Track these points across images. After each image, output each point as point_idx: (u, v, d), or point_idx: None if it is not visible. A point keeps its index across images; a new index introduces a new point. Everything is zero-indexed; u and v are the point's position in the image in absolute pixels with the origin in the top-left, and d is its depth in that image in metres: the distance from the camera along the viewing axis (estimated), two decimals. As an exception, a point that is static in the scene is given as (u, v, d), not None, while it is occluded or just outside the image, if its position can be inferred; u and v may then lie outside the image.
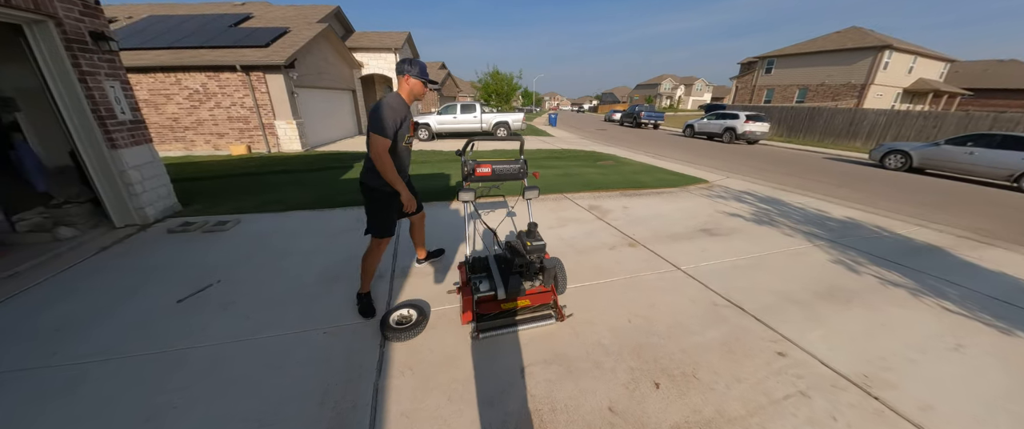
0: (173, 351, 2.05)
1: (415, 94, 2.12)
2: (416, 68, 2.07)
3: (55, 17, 3.10)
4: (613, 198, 5.49)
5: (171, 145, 10.77)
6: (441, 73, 27.99)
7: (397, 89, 2.14)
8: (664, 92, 66.07)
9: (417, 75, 2.07)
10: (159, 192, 4.23)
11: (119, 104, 3.72)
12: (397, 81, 2.14)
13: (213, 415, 1.63)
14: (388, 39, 15.62)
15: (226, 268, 3.03)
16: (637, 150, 12.19)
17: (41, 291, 2.71)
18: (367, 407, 1.67)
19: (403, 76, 2.07)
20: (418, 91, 2.12)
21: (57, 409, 1.66)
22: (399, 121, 2.04)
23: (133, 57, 9.67)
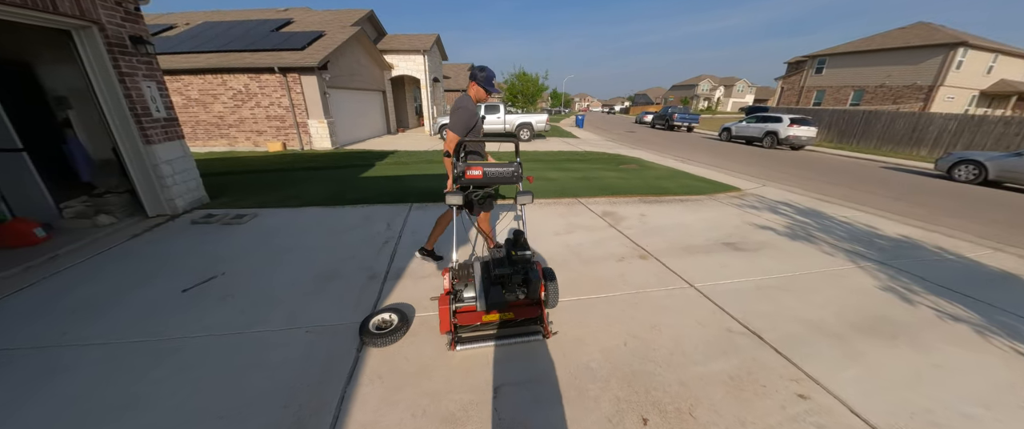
0: (165, 341, 2.11)
1: (478, 98, 2.48)
2: (482, 74, 2.41)
3: (99, 23, 3.37)
4: (631, 205, 5.20)
5: (217, 141, 11.62)
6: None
7: (467, 90, 2.53)
8: (701, 93, 63.00)
9: (480, 82, 2.42)
10: (188, 185, 4.51)
11: (154, 103, 4.00)
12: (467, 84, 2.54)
13: (181, 407, 1.64)
14: (417, 41, 16.00)
15: (233, 261, 3.14)
16: (666, 154, 11.62)
17: (72, 273, 2.93)
18: (329, 414, 1.61)
19: (472, 81, 2.44)
20: (480, 95, 2.47)
21: (50, 390, 1.73)
22: (470, 120, 2.45)
23: (186, 60, 10.54)
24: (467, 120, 2.40)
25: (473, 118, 2.41)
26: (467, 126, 2.41)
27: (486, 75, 2.41)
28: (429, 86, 16.55)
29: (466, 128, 2.42)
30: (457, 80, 27.09)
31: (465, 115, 2.39)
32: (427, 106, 16.55)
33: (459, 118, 2.40)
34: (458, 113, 2.42)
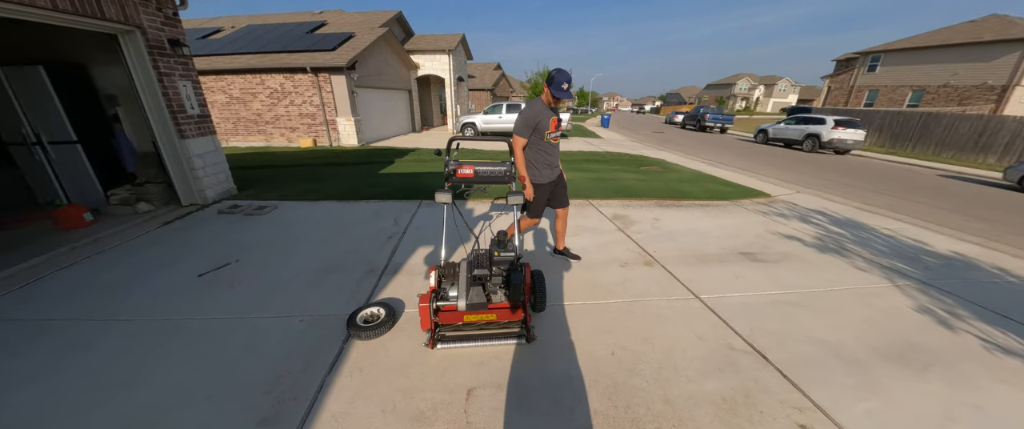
0: (176, 321, 2.26)
1: (546, 101, 2.51)
2: (555, 78, 2.38)
3: (141, 27, 3.67)
4: (645, 208, 5.00)
5: (255, 137, 12.39)
6: (495, 74, 28.51)
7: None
8: (739, 93, 59.73)
9: (551, 86, 2.40)
10: (218, 177, 4.83)
11: (189, 101, 4.31)
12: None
13: (176, 385, 1.75)
14: (442, 41, 16.28)
15: (248, 249, 3.32)
16: (693, 156, 11.12)
17: (111, 254, 3.22)
18: (306, 402, 1.66)
19: (545, 85, 2.48)
20: (548, 98, 2.47)
21: (75, 361, 1.91)
22: (533, 123, 2.48)
23: (230, 61, 11.32)
24: (526, 122, 2.44)
25: (532, 120, 2.43)
26: (528, 127, 2.45)
27: (557, 79, 2.36)
28: (453, 85, 16.80)
29: (527, 130, 2.46)
30: (482, 79, 27.32)
31: (522, 119, 2.45)
32: (451, 105, 16.81)
33: (518, 121, 2.48)
34: (520, 116, 2.50)
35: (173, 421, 1.57)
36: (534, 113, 2.44)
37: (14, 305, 2.43)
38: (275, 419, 1.59)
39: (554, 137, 2.55)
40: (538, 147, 2.55)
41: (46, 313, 2.35)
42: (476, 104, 26.10)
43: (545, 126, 2.45)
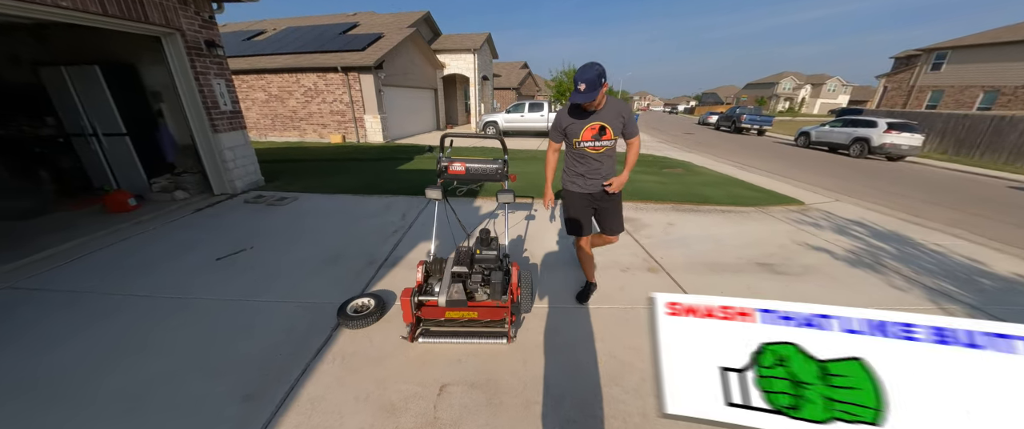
0: (187, 299, 2.44)
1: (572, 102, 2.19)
2: (575, 78, 2.09)
3: (180, 30, 3.99)
4: (659, 212, 4.80)
5: (290, 132, 13.14)
6: (521, 73, 28.50)
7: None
8: (782, 93, 56.00)
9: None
10: (247, 169, 5.16)
11: (222, 98, 4.64)
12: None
13: (178, 358, 1.89)
14: (468, 40, 16.48)
15: (264, 237, 3.53)
16: (723, 159, 10.55)
17: (146, 236, 3.53)
18: (288, 383, 1.73)
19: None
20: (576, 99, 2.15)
21: (98, 328, 2.11)
22: (560, 127, 2.21)
23: (269, 60, 12.06)
24: (553, 126, 2.27)
25: (558, 124, 2.24)
26: (556, 132, 2.26)
27: (575, 78, 2.06)
28: (478, 84, 16.97)
29: (557, 134, 2.26)
30: (508, 78, 27.39)
31: (554, 121, 2.29)
32: (474, 103, 16.99)
33: (551, 125, 2.32)
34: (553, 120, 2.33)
35: (169, 388, 1.70)
36: (559, 118, 2.25)
37: (61, 278, 2.73)
38: (259, 395, 1.67)
39: (592, 147, 2.15)
40: (570, 154, 2.32)
41: (85, 286, 2.61)
42: (501, 103, 26.22)
43: (574, 132, 2.15)
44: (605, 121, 2.07)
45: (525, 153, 9.74)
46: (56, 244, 3.22)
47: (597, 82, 1.89)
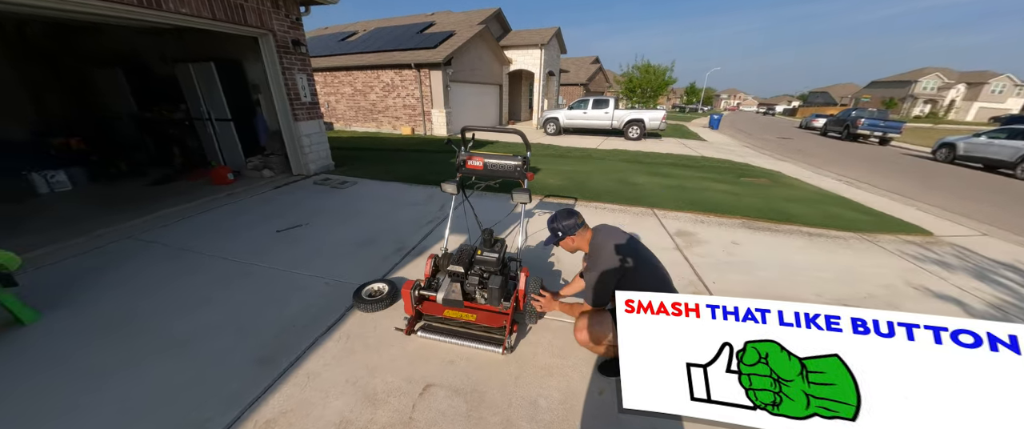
0: (242, 264, 2.81)
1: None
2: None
3: (273, 31, 4.61)
4: (724, 227, 4.16)
5: (369, 123, 14.55)
6: (591, 68, 27.43)
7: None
8: (921, 94, 44.88)
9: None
10: (320, 154, 5.81)
11: (303, 90, 5.26)
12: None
13: (227, 314, 2.19)
14: (536, 36, 16.33)
15: (319, 216, 3.91)
16: (826, 170, 8.83)
17: (236, 206, 4.18)
18: (296, 354, 1.87)
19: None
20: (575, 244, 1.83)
21: (185, 281, 2.56)
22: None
23: (357, 58, 13.45)
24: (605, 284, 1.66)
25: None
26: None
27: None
28: (543, 80, 16.78)
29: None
30: (576, 74, 26.61)
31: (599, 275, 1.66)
32: (537, 99, 16.85)
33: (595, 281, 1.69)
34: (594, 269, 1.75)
35: (210, 340, 1.97)
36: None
37: (168, 235, 3.36)
38: (269, 360, 1.83)
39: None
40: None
41: (183, 244, 3.18)
42: (567, 99, 25.60)
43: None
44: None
45: (580, 152, 9.34)
46: (171, 206, 4.00)
47: (553, 237, 1.80)
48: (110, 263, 2.82)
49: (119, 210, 3.85)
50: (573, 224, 1.74)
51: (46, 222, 3.58)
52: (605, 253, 1.62)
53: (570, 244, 1.78)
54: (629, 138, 12.98)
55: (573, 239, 1.76)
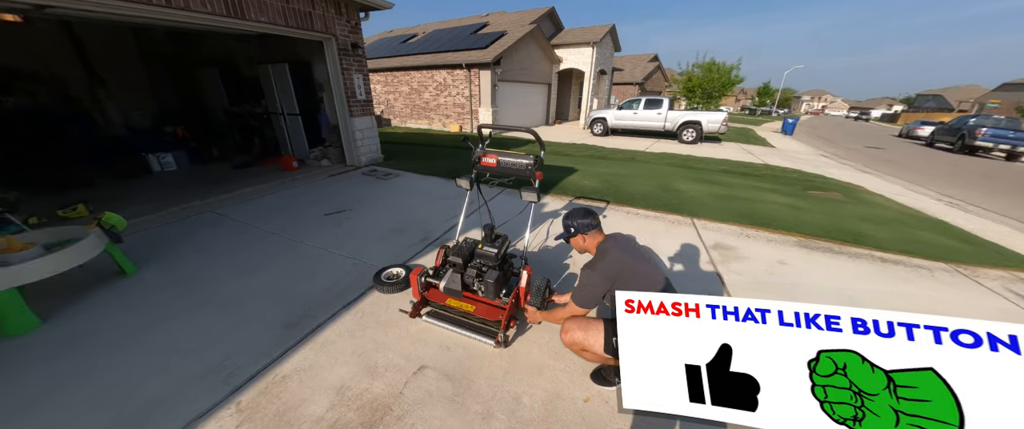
0: (292, 241, 3.19)
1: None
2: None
3: (335, 35, 5.12)
4: (773, 244, 3.74)
5: (422, 120, 15.41)
6: (648, 67, 26.06)
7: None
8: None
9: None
10: (371, 147, 6.32)
11: (359, 89, 5.76)
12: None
13: (268, 282, 2.52)
14: (589, 33, 15.95)
15: (362, 203, 4.28)
16: (927, 188, 7.47)
17: (296, 189, 4.74)
18: (316, 322, 2.10)
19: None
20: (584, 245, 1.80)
21: (243, 252, 2.98)
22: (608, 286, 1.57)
23: (414, 59, 14.31)
24: (595, 288, 1.61)
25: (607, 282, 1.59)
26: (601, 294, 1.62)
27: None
28: (593, 78, 16.36)
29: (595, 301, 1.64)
30: (632, 72, 25.48)
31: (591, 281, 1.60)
32: (586, 99, 16.47)
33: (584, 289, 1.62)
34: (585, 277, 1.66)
35: (250, 303, 2.28)
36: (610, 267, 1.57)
37: (241, 211, 3.93)
38: (294, 326, 2.08)
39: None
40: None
41: (250, 219, 3.70)
42: (620, 99, 24.65)
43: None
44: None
45: (624, 154, 8.96)
46: (246, 187, 4.65)
47: (566, 232, 1.81)
48: (192, 231, 3.39)
49: (207, 188, 4.58)
50: (587, 224, 1.73)
51: (153, 194, 4.39)
52: (604, 264, 1.59)
53: (580, 243, 1.78)
54: (683, 141, 12.14)
55: (584, 239, 1.75)
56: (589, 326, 1.55)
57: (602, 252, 1.66)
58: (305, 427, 1.46)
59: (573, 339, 1.56)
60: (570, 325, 1.58)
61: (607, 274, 1.55)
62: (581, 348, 1.56)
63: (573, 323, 1.58)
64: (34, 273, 1.95)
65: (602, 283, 1.55)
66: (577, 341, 1.54)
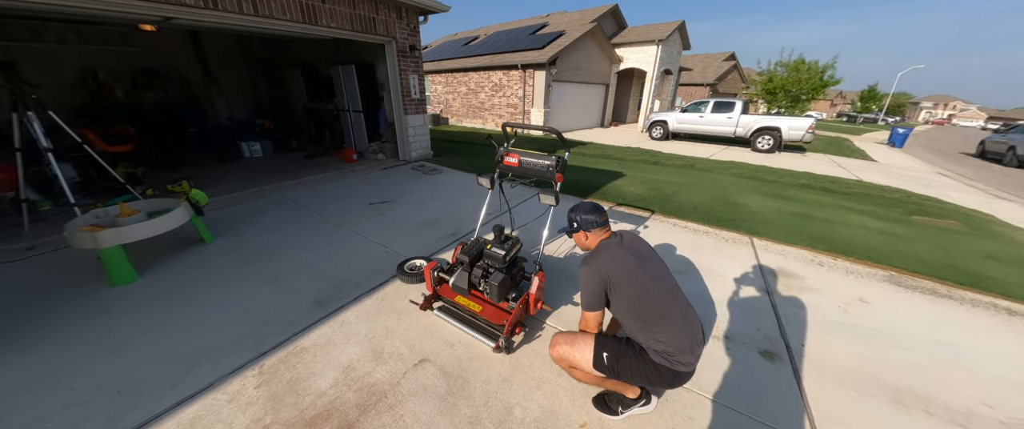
0: (337, 226, 3.50)
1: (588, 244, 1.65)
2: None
3: (395, 38, 5.49)
4: (856, 277, 3.10)
5: (477, 120, 15.89)
6: (723, 66, 23.72)
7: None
8: None
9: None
10: (421, 143, 6.68)
11: (413, 88, 6.12)
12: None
13: (314, 259, 2.81)
14: (654, 31, 14.99)
15: (405, 195, 4.54)
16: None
17: (352, 179, 5.20)
18: (341, 303, 2.27)
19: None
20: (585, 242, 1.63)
21: (296, 229, 3.36)
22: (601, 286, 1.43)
23: (472, 61, 14.80)
24: (593, 288, 1.44)
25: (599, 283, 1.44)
26: (597, 295, 1.44)
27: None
28: (656, 79, 15.39)
29: (598, 299, 1.45)
30: (703, 72, 23.45)
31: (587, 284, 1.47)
32: (646, 100, 15.56)
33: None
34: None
35: (295, 275, 2.57)
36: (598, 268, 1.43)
37: (303, 195, 4.42)
38: (322, 303, 2.27)
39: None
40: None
41: (309, 203, 4.14)
42: (686, 100, 22.83)
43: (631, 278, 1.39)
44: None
45: (682, 160, 8.25)
46: (311, 175, 5.22)
47: (568, 226, 1.65)
48: (261, 210, 3.90)
49: (280, 174, 5.24)
50: (592, 221, 1.58)
51: (240, 176, 5.14)
52: (596, 260, 1.43)
53: (582, 240, 1.63)
54: (757, 149, 10.79)
55: (586, 236, 1.60)
56: (577, 340, 1.43)
57: (598, 248, 1.51)
58: (309, 399, 1.58)
59: (560, 354, 1.45)
60: (558, 338, 1.48)
61: (599, 271, 1.40)
62: (569, 364, 1.46)
63: (561, 337, 1.48)
64: (135, 234, 2.40)
65: (593, 279, 1.40)
66: (564, 356, 1.44)
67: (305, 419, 1.48)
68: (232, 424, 1.46)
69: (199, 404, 1.54)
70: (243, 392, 1.61)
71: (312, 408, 1.54)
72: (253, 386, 1.64)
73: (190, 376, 1.69)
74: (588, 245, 1.62)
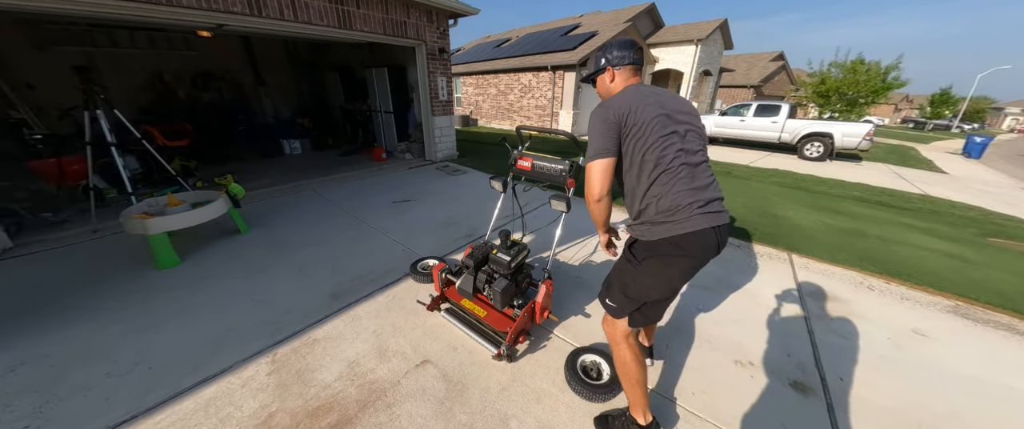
0: (360, 222, 3.63)
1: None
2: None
3: (425, 41, 5.64)
4: (912, 305, 2.75)
5: (506, 121, 15.99)
6: (769, 67, 22.17)
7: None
8: None
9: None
10: (447, 144, 6.80)
11: (441, 90, 6.24)
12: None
13: (332, 253, 2.92)
14: (693, 30, 14.30)
15: (426, 195, 4.64)
16: None
17: (380, 177, 5.39)
18: (354, 298, 2.34)
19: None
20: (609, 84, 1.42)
21: (322, 225, 3.53)
22: (616, 122, 1.21)
23: (502, 63, 14.90)
24: (603, 129, 1.25)
25: (615, 118, 1.22)
26: (609, 137, 1.23)
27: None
28: (693, 79, 14.70)
29: (609, 141, 1.23)
30: (747, 73, 22.07)
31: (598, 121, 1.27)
32: (682, 105, 14.89)
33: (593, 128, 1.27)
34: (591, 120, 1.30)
35: (314, 269, 2.68)
36: (617, 105, 1.22)
37: (332, 191, 4.65)
38: (338, 297, 2.35)
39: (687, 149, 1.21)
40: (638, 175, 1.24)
41: (336, 199, 4.35)
42: (728, 103, 21.60)
43: (646, 136, 1.18)
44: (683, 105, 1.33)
45: (717, 167, 7.79)
46: (342, 172, 5.47)
47: (595, 66, 1.42)
48: (294, 204, 4.13)
49: (315, 170, 5.54)
50: (624, 57, 1.31)
51: (279, 171, 5.49)
52: (615, 100, 1.22)
53: (605, 85, 1.38)
54: (805, 157, 9.94)
55: (614, 76, 1.34)
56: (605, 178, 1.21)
57: (623, 91, 1.27)
58: (314, 390, 1.64)
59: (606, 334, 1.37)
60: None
61: (617, 110, 1.18)
62: (611, 342, 1.38)
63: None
64: (178, 223, 2.63)
65: (607, 116, 1.19)
66: (606, 334, 1.37)
67: (308, 410, 1.54)
68: (242, 408, 1.54)
69: (216, 386, 1.64)
70: (255, 378, 1.69)
71: (315, 399, 1.59)
72: (265, 373, 1.72)
73: (213, 357, 1.81)
74: (612, 89, 1.37)
